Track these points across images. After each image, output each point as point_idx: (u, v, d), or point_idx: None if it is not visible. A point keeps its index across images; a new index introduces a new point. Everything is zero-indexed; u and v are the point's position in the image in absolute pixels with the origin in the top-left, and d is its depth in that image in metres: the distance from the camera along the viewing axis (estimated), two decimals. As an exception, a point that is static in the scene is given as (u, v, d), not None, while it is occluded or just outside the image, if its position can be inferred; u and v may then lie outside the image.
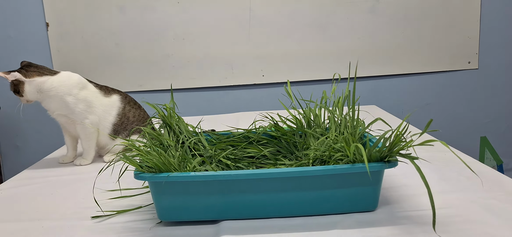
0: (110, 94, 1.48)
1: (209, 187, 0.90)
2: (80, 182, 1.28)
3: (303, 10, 2.26)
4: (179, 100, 2.35)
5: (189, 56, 2.31)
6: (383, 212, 0.95)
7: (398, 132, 0.87)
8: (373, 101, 2.37)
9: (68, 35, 2.27)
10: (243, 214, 0.93)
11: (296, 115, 1.20)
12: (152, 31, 2.28)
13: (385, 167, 0.88)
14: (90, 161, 1.47)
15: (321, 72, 2.33)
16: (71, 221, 1.00)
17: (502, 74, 2.38)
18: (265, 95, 2.37)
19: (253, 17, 2.27)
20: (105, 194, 1.15)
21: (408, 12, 2.28)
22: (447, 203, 0.97)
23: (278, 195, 0.91)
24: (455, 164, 1.23)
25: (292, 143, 1.17)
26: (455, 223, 0.88)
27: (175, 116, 1.18)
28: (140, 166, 0.92)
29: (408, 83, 2.37)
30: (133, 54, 2.30)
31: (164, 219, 0.94)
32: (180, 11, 2.26)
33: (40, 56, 2.27)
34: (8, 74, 1.34)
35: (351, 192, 0.92)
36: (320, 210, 0.94)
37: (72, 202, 1.12)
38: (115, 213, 1.02)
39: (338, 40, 2.30)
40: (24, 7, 2.25)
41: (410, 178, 1.14)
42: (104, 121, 1.45)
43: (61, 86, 1.38)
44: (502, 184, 1.06)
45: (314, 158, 1.02)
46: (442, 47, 2.32)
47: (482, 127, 2.44)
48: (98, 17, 2.26)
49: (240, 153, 1.15)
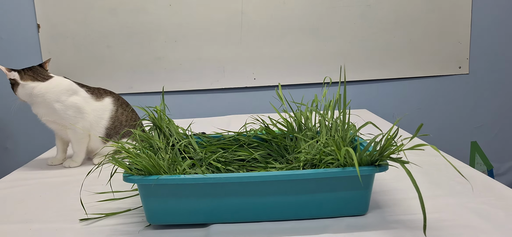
0: (102, 97, 1.47)
1: (199, 190, 0.89)
2: (69, 184, 1.27)
3: (295, 14, 2.26)
4: (171, 102, 2.33)
5: (181, 58, 2.30)
6: (374, 216, 0.94)
7: (388, 136, 0.87)
8: (364, 105, 2.37)
9: (59, 37, 2.26)
10: (233, 217, 0.93)
11: (287, 118, 1.19)
12: (144, 33, 2.27)
13: (376, 171, 0.88)
14: (80, 164, 1.45)
15: (312, 76, 2.33)
16: (59, 223, 0.99)
17: (492, 79, 2.39)
18: (257, 98, 2.37)
19: (245, 20, 2.27)
20: (94, 197, 1.14)
21: (399, 17, 2.29)
22: (438, 208, 0.97)
23: (269, 198, 0.91)
24: (445, 168, 1.23)
25: (282, 146, 1.16)
26: (446, 228, 0.88)
27: (165, 118, 1.18)
28: (129, 168, 0.91)
29: (399, 87, 2.38)
30: (125, 56, 2.28)
31: (153, 222, 0.94)
32: (172, 13, 2.25)
33: (31, 58, 2.25)
34: (9, 72, 1.36)
35: (342, 196, 0.92)
36: (311, 214, 0.93)
37: (61, 205, 1.11)
38: (103, 216, 1.01)
39: (329, 44, 2.30)
40: (15, 8, 2.23)
41: (400, 182, 1.14)
42: (97, 125, 1.44)
43: (49, 92, 1.37)
44: (493, 189, 1.07)
45: (304, 161, 1.02)
46: (433, 52, 2.33)
47: (473, 132, 2.45)
48: (89, 19, 2.25)
49: (231, 156, 1.15)
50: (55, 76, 1.42)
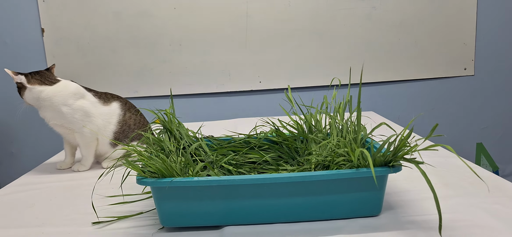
0: (110, 102, 1.47)
1: (212, 193, 0.89)
2: (79, 188, 1.27)
3: (300, 16, 2.27)
4: (176, 106, 2.34)
5: (186, 62, 2.30)
6: (387, 217, 0.94)
7: (402, 137, 0.87)
8: (370, 107, 2.37)
9: (63, 41, 2.26)
10: (246, 219, 0.93)
11: (297, 121, 1.19)
12: (149, 37, 2.27)
13: (390, 172, 0.88)
14: (88, 168, 1.45)
15: (318, 79, 2.33)
16: (72, 227, 0.99)
17: (498, 81, 2.39)
18: (263, 101, 2.37)
19: (250, 23, 2.27)
20: (105, 200, 1.14)
21: (404, 19, 2.29)
22: (451, 208, 0.97)
23: (282, 200, 0.91)
24: (456, 169, 1.23)
25: (293, 148, 1.16)
26: (459, 228, 0.87)
27: (175, 121, 1.18)
28: (142, 171, 0.91)
29: (405, 89, 2.38)
30: (129, 60, 2.29)
31: (167, 225, 0.94)
32: (177, 17, 2.25)
33: (35, 63, 2.26)
34: (16, 75, 1.36)
35: (355, 197, 0.92)
36: (324, 215, 0.93)
37: (72, 208, 1.11)
38: (116, 219, 1.01)
39: (335, 47, 2.30)
40: (20, 13, 2.24)
41: (412, 183, 1.14)
42: (105, 130, 1.44)
43: (56, 96, 1.37)
44: (504, 189, 1.07)
45: (316, 163, 1.02)
46: (438, 54, 2.33)
47: (478, 133, 2.45)
48: (93, 23, 2.25)
49: (241, 158, 1.15)
50: (62, 80, 1.42)
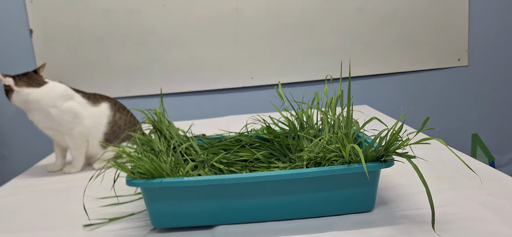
0: (99, 102, 1.45)
1: (204, 192, 0.88)
2: (70, 190, 1.25)
3: (291, 10, 2.25)
4: (168, 104, 2.32)
5: (176, 60, 2.28)
6: (380, 212, 0.94)
7: (394, 131, 0.86)
8: (364, 100, 2.37)
9: (52, 41, 2.24)
10: (238, 218, 0.92)
11: (288, 117, 1.18)
12: (138, 35, 2.25)
13: (382, 167, 0.87)
14: (79, 169, 1.44)
15: (310, 73, 2.32)
16: (63, 230, 0.98)
17: (492, 71, 2.39)
18: (255, 97, 2.35)
19: (240, 18, 2.25)
20: (96, 202, 1.13)
21: (396, 11, 2.28)
22: (445, 201, 0.96)
23: (274, 198, 0.90)
24: (449, 162, 1.23)
25: (285, 145, 1.15)
26: (453, 221, 0.87)
27: (165, 121, 1.16)
28: (131, 172, 0.90)
29: (398, 81, 2.37)
30: (119, 59, 2.27)
31: (158, 225, 0.93)
32: (166, 14, 2.24)
33: (24, 64, 2.24)
34: (4, 77, 1.34)
35: (348, 193, 0.91)
36: (316, 212, 0.92)
37: (63, 211, 1.09)
38: (107, 221, 1.00)
39: (327, 40, 2.29)
40: (7, 13, 2.21)
41: (405, 177, 1.13)
42: (95, 131, 1.42)
43: (44, 98, 1.36)
44: (498, 180, 1.06)
45: (308, 160, 1.01)
46: (431, 45, 2.33)
47: (473, 124, 2.45)
48: (82, 22, 2.23)
49: (233, 157, 1.14)
50: (50, 82, 1.40)
